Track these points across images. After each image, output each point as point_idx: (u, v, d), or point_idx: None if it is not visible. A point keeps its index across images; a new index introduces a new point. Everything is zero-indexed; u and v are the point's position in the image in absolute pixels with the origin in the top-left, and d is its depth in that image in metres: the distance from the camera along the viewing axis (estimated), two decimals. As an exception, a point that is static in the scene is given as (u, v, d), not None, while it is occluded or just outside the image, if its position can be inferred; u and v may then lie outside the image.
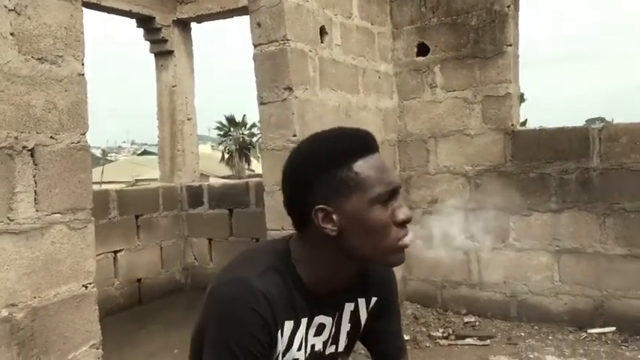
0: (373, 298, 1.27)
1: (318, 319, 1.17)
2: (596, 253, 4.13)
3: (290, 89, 3.46)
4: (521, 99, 4.61)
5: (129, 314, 5.24)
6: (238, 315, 1.05)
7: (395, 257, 1.11)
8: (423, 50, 4.72)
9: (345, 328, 1.24)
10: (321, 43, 3.82)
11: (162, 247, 5.87)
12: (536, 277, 4.36)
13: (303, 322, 1.14)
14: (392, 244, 1.09)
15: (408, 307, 4.72)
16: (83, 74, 2.21)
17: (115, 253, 5.33)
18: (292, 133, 3.49)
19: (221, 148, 36.93)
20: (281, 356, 1.12)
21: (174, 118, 6.22)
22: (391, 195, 1.08)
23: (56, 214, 2.09)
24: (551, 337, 4.08)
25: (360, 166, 1.06)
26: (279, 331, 1.10)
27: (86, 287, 2.20)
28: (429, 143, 4.73)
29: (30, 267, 1.98)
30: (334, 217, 1.06)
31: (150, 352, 4.26)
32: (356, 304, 1.24)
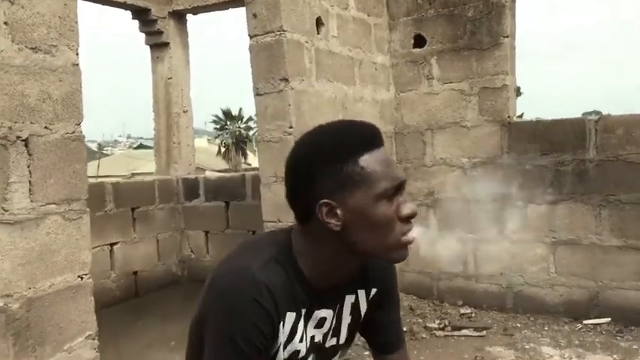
0: (373, 290, 1.26)
1: (318, 313, 1.16)
2: (591, 245, 4.15)
3: (286, 80, 3.45)
4: (518, 93, 4.60)
5: (125, 307, 5.23)
6: (240, 306, 1.04)
7: (398, 253, 1.10)
8: (419, 42, 4.71)
9: (345, 321, 1.23)
10: (318, 34, 3.80)
11: (158, 240, 5.86)
12: (532, 269, 4.37)
13: (304, 313, 1.13)
14: (396, 240, 1.07)
15: (405, 299, 4.73)
16: (77, 64, 2.20)
17: (111, 245, 5.31)
18: (288, 125, 3.48)
19: (217, 141, 36.86)
20: (282, 347, 1.11)
21: (169, 110, 6.19)
22: (397, 190, 1.06)
23: (51, 204, 2.08)
24: (546, 328, 4.09)
25: (366, 161, 1.04)
26: (281, 323, 1.09)
27: (82, 278, 2.19)
28: (425, 135, 4.73)
29: (25, 257, 1.97)
30: (338, 211, 1.04)
31: (146, 344, 4.26)
32: (356, 296, 1.24)
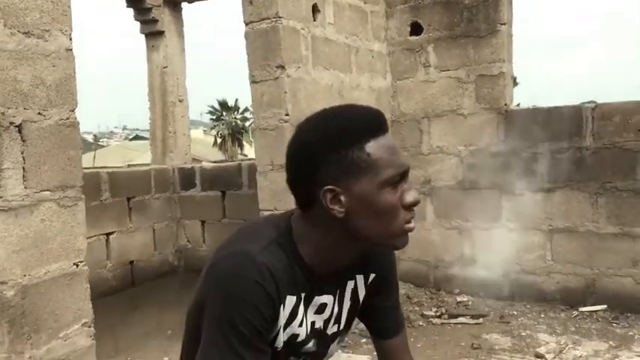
0: (372, 275, 1.25)
1: (319, 299, 1.15)
2: (588, 232, 4.15)
3: (282, 67, 3.43)
4: (514, 82, 4.59)
5: (122, 296, 5.23)
6: (242, 290, 1.02)
7: (400, 240, 1.09)
8: (416, 29, 4.68)
9: (346, 307, 1.23)
10: (314, 21, 3.77)
11: (154, 230, 5.85)
12: (528, 257, 4.38)
13: (303, 297, 1.12)
14: (399, 227, 1.07)
15: (401, 287, 4.73)
16: (71, 49, 2.17)
17: (107, 235, 5.30)
18: (285, 112, 3.45)
19: (213, 132, 36.74)
20: (282, 330, 1.10)
21: (165, 99, 6.16)
22: (401, 177, 1.05)
23: (45, 191, 2.06)
24: (543, 316, 4.11)
25: (372, 147, 1.02)
26: (282, 305, 1.08)
27: (77, 265, 2.18)
28: (422, 123, 4.71)
29: (19, 244, 1.96)
30: (342, 198, 1.03)
31: (143, 333, 4.26)
32: (355, 282, 1.23)
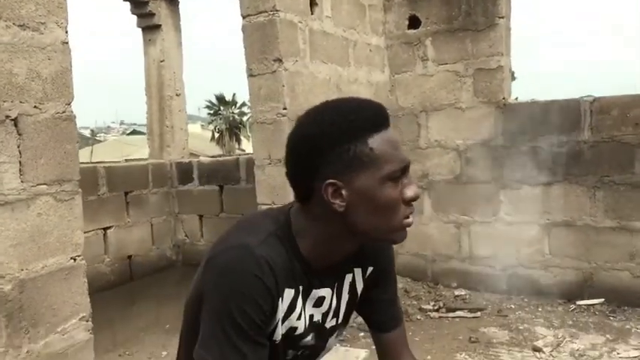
0: (369, 268, 1.25)
1: (317, 292, 1.15)
2: (585, 226, 4.16)
3: (280, 61, 3.41)
4: (512, 77, 4.59)
5: (120, 291, 5.23)
6: (241, 283, 1.01)
7: (398, 235, 1.09)
8: (414, 23, 4.67)
9: (344, 300, 1.22)
10: (311, 14, 3.75)
11: (152, 224, 5.84)
12: (526, 251, 4.38)
13: (301, 291, 1.12)
14: (399, 222, 1.06)
15: (399, 281, 4.71)
16: (67, 42, 2.16)
17: (105, 230, 5.29)
18: (282, 106, 3.44)
19: (211, 127, 36.63)
20: (280, 323, 1.10)
21: (162, 93, 6.14)
22: (403, 172, 1.05)
23: (42, 185, 2.05)
24: (540, 309, 4.12)
25: (375, 142, 1.02)
26: (280, 299, 1.07)
27: (74, 260, 2.17)
28: (420, 117, 4.71)
29: (16, 239, 1.94)
30: (343, 192, 1.02)
31: (141, 327, 4.26)
32: (353, 275, 1.22)
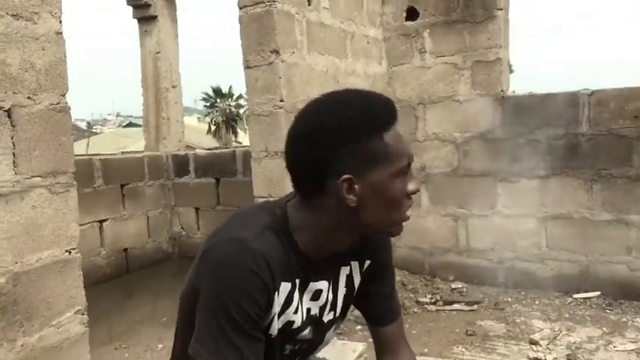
0: (367, 261, 1.24)
1: (314, 285, 1.14)
2: (582, 219, 4.15)
3: (277, 52, 3.38)
4: (510, 70, 4.59)
5: (116, 283, 5.21)
6: (237, 277, 1.00)
7: (398, 228, 1.10)
8: (412, 14, 4.64)
9: (341, 293, 1.21)
10: (309, 5, 3.72)
11: (148, 217, 5.82)
12: (523, 243, 4.38)
13: (298, 284, 1.11)
14: (400, 216, 1.07)
15: (397, 274, 4.65)
16: (61, 32, 2.12)
17: (101, 222, 5.27)
18: (279, 98, 3.41)
19: (207, 120, 36.53)
20: (277, 317, 1.09)
21: (158, 85, 6.10)
22: (409, 166, 1.06)
23: (36, 177, 2.02)
24: (537, 302, 4.12)
25: (388, 137, 1.02)
26: (276, 293, 1.06)
27: (69, 252, 2.15)
28: (417, 110, 4.69)
29: (10, 231, 1.92)
30: (356, 187, 1.02)
31: (138, 320, 4.25)
32: (350, 268, 1.22)
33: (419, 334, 3.65)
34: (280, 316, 1.10)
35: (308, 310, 1.15)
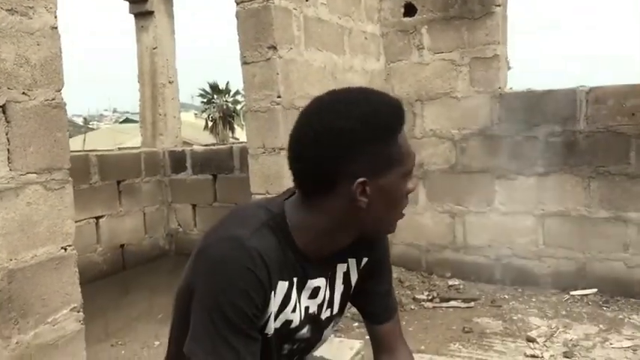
0: (364, 259, 1.23)
1: (312, 282, 1.13)
2: (580, 216, 4.15)
3: (274, 48, 3.36)
4: (507, 67, 4.59)
5: (112, 280, 5.19)
6: (233, 276, 0.99)
7: (394, 227, 1.12)
8: (410, 10, 4.62)
9: (338, 290, 1.21)
10: (306, 1, 3.70)
11: (145, 213, 5.80)
12: (520, 241, 4.38)
13: (296, 282, 1.10)
14: (399, 215, 1.09)
15: (393, 271, 4.65)
16: (56, 27, 2.10)
17: (97, 219, 5.25)
18: (277, 94, 3.39)
19: (204, 116, 36.45)
20: (273, 318, 1.07)
21: (155, 81, 6.07)
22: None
23: (31, 173, 2.00)
24: (534, 300, 4.12)
25: (401, 139, 1.03)
26: (273, 292, 1.05)
27: (65, 249, 2.13)
28: (415, 106, 4.67)
29: (5, 228, 1.91)
30: (368, 188, 1.01)
31: (134, 316, 4.23)
32: (347, 265, 1.21)
33: (415, 331, 3.65)
34: (278, 315, 1.09)
35: (306, 308, 1.14)
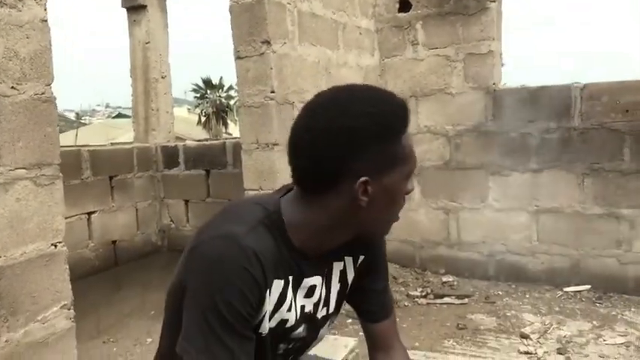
0: (361, 257, 1.22)
1: (308, 281, 1.11)
2: (574, 213, 4.16)
3: (268, 43, 3.33)
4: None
5: (104, 276, 5.16)
6: (227, 275, 0.97)
7: (388, 228, 1.11)
8: (404, 6, 4.60)
9: (335, 289, 1.19)
10: (300, -5, 3.68)
11: (137, 209, 5.76)
12: (514, 237, 4.38)
13: (291, 281, 1.08)
14: (396, 216, 1.09)
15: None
16: (46, 20, 2.07)
17: (89, 214, 5.20)
18: (270, 89, 3.37)
19: (198, 111, 36.32)
20: (268, 317, 1.05)
21: (147, 76, 6.02)
22: None
23: (21, 169, 1.97)
24: (528, 296, 4.12)
25: (405, 139, 1.02)
26: (268, 291, 1.03)
27: (55, 246, 2.10)
28: (409, 103, 4.65)
29: (-6, 224, 1.88)
30: (369, 188, 0.99)
31: (126, 313, 4.21)
32: (344, 263, 1.20)
33: (409, 327, 3.64)
34: (273, 314, 1.07)
35: (302, 307, 1.13)
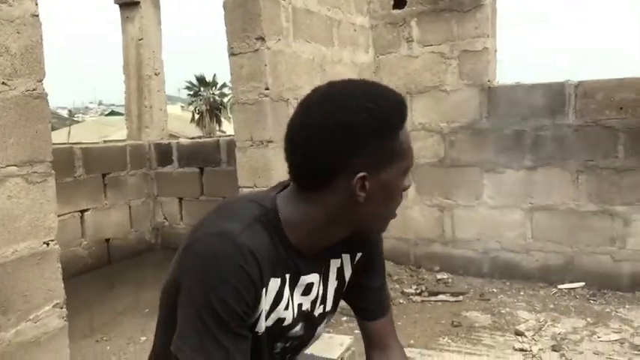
0: (358, 254, 1.21)
1: (305, 279, 1.10)
2: (568, 210, 4.16)
3: (262, 39, 3.31)
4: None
5: (98, 274, 5.13)
6: (223, 273, 0.95)
7: (385, 225, 1.10)
8: (399, 3, 4.59)
9: (332, 286, 1.18)
10: (295, -9, 3.65)
11: (130, 207, 5.73)
12: (508, 234, 4.38)
13: (288, 279, 1.07)
14: (393, 213, 1.08)
15: (382, 265, 4.71)
16: (37, 15, 2.04)
17: (82, 212, 5.17)
18: (264, 86, 3.35)
19: (191, 108, 36.21)
20: (265, 316, 1.04)
21: (140, 73, 5.98)
22: None
23: (12, 166, 1.94)
24: (522, 293, 4.13)
25: (403, 135, 1.01)
26: (264, 289, 1.01)
27: (47, 244, 2.08)
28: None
29: (-16, 222, 1.85)
30: (367, 183, 0.99)
31: (120, 311, 4.18)
32: (341, 261, 1.19)
33: (404, 325, 3.64)
34: (270, 313, 1.05)
35: (299, 305, 1.11)
